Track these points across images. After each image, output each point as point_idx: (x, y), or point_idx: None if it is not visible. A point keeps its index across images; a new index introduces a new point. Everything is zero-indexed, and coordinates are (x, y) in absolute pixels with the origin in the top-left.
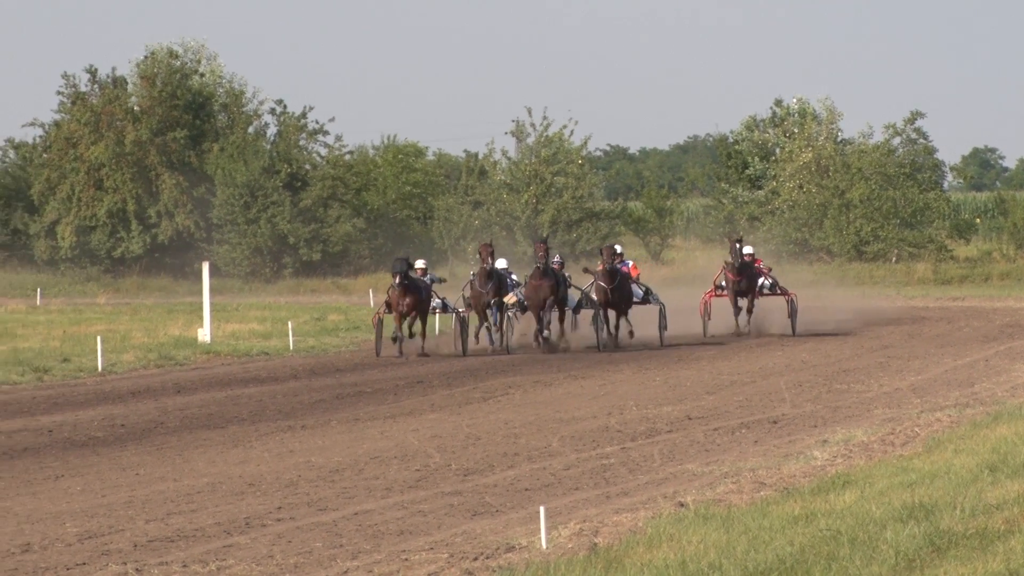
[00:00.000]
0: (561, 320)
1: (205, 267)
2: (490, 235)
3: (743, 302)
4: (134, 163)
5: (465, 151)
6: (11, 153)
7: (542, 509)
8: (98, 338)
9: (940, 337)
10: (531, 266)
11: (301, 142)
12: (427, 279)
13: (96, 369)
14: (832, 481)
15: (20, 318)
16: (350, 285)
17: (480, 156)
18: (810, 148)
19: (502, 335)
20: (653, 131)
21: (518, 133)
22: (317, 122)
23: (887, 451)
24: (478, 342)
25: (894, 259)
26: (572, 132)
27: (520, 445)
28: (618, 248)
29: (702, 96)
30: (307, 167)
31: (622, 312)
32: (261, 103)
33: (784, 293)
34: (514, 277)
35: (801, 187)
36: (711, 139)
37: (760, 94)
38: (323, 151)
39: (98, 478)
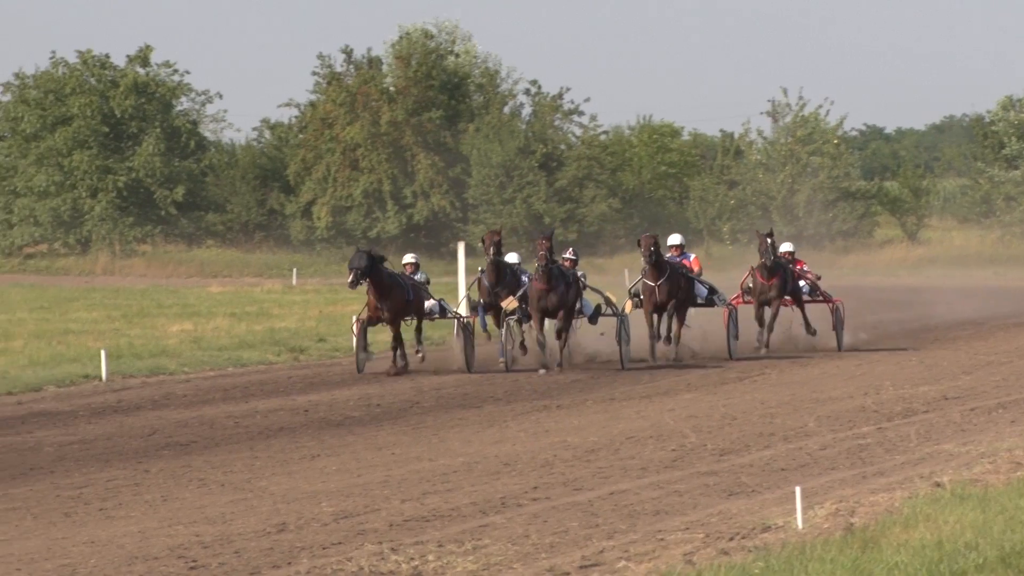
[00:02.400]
0: (561, 332)
1: (460, 247)
2: (746, 217)
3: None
4: (389, 143)
5: (721, 131)
6: (267, 134)
7: (798, 489)
8: (353, 317)
9: None
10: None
11: (556, 122)
12: (419, 276)
13: (351, 349)
14: None
15: (276, 298)
16: (605, 265)
17: (736, 136)
18: None
19: (505, 350)
20: (909, 111)
21: (774, 113)
22: (572, 102)
23: None
24: (501, 355)
25: None
26: (828, 112)
27: (776, 425)
28: (677, 239)
29: (958, 76)
30: (562, 147)
31: (675, 316)
32: (515, 83)
33: (827, 300)
34: (525, 279)
35: None
36: (967, 119)
37: (1017, 74)
38: (578, 131)
39: (354, 458)
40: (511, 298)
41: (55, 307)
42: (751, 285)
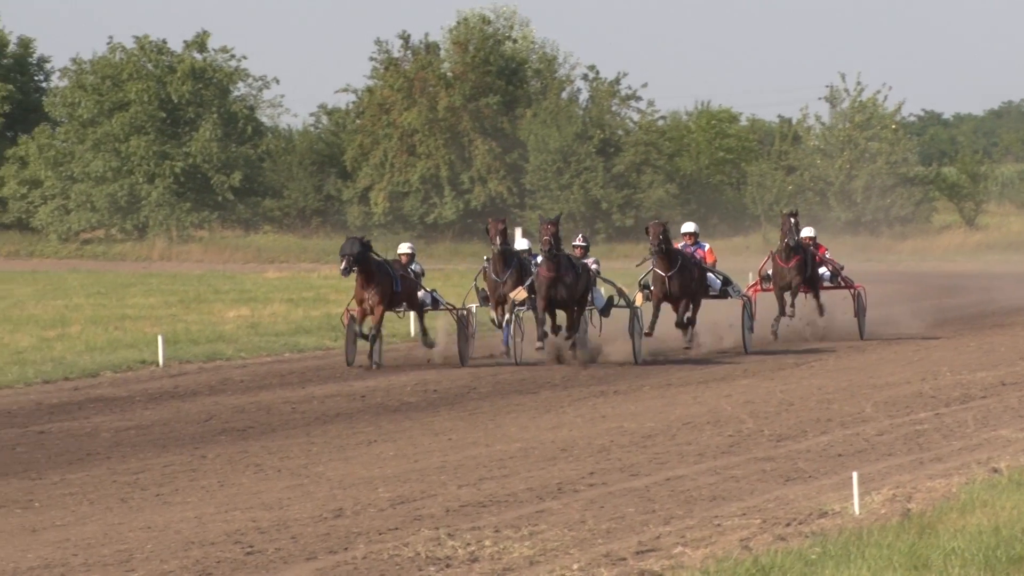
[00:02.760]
0: (572, 326)
1: (518, 232)
2: (795, 204)
3: (810, 300)
4: (447, 129)
5: (779, 116)
6: (324, 119)
7: (855, 475)
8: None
9: None
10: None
11: (614, 108)
12: (414, 267)
13: (409, 335)
14: None
15: (333, 284)
16: None
17: (793, 121)
18: None
19: (511, 341)
20: (967, 96)
21: (832, 98)
22: (630, 88)
23: None
24: (506, 351)
25: None
26: (886, 97)
27: (833, 411)
28: (691, 227)
29: (1017, 61)
30: (620, 133)
31: (686, 305)
32: (573, 68)
33: (849, 285)
34: (538, 260)
35: None
36: None
37: None
38: (636, 117)
39: (410, 443)
40: (520, 288)
41: (112, 293)
42: (770, 271)
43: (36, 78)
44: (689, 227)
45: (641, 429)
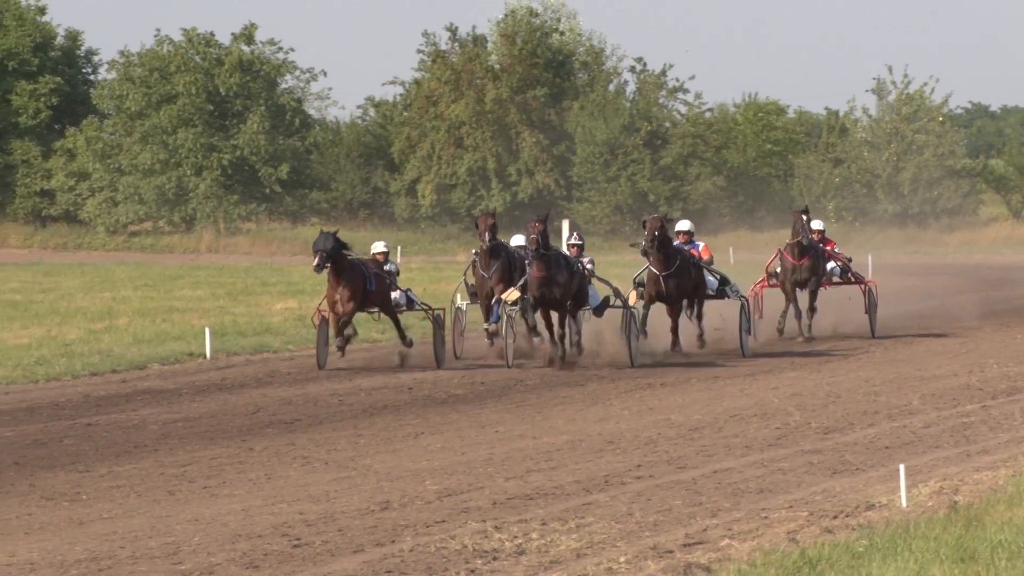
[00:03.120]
0: (562, 323)
1: (565, 225)
2: (851, 195)
3: (804, 298)
4: (494, 121)
5: (826, 108)
6: (371, 111)
7: (902, 467)
8: (457, 295)
9: None
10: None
11: (661, 100)
12: (387, 268)
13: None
14: None
15: None
16: (710, 243)
17: (841, 114)
18: None
19: (504, 342)
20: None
21: (879, 91)
22: (677, 80)
23: None
24: (492, 343)
25: None
26: (933, 90)
27: (880, 403)
28: (686, 224)
29: None
30: (667, 125)
31: (679, 309)
32: (620, 60)
33: (859, 281)
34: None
35: None
36: None
37: None
38: (683, 109)
39: (457, 435)
40: (512, 288)
41: (159, 285)
42: (778, 268)
43: (84, 71)
44: (684, 225)
45: (688, 421)
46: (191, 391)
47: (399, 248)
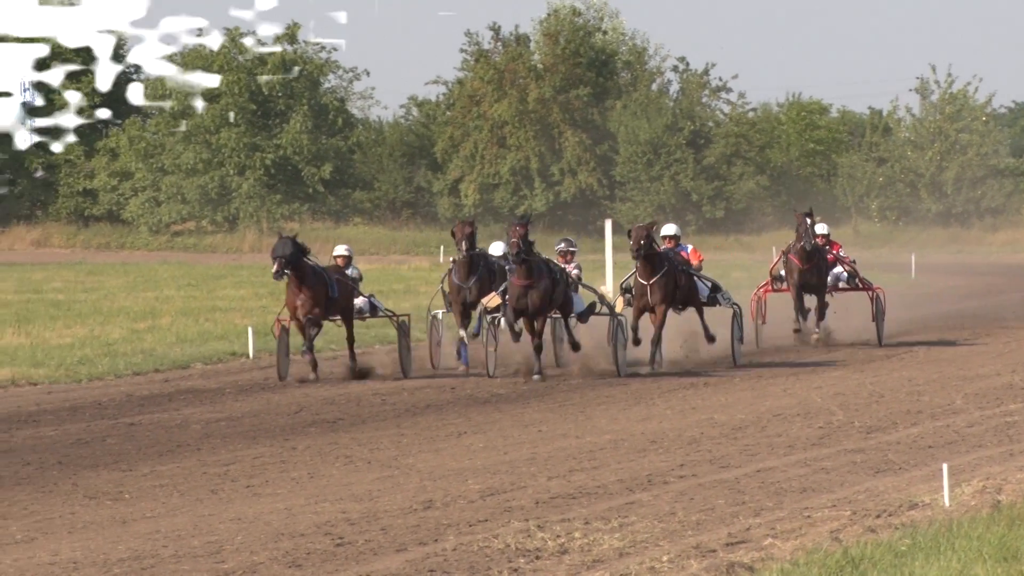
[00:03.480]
0: (541, 332)
1: (608, 224)
2: (894, 194)
3: (811, 301)
4: (537, 121)
5: (869, 108)
6: (414, 111)
7: (945, 467)
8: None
9: None
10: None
11: (704, 99)
12: (350, 272)
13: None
14: None
15: (423, 275)
16: (753, 243)
17: (884, 113)
18: None
19: (485, 350)
20: None
21: (922, 90)
22: (720, 79)
23: None
24: (459, 358)
25: None
26: (976, 89)
27: (923, 402)
28: (672, 229)
29: None
30: (710, 124)
31: (664, 319)
32: (663, 60)
33: (867, 287)
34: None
35: None
36: None
37: None
38: (726, 108)
39: (500, 435)
40: (493, 295)
41: (202, 284)
42: (783, 272)
43: (127, 70)
44: (669, 230)
45: (731, 421)
46: (234, 390)
47: (442, 248)
